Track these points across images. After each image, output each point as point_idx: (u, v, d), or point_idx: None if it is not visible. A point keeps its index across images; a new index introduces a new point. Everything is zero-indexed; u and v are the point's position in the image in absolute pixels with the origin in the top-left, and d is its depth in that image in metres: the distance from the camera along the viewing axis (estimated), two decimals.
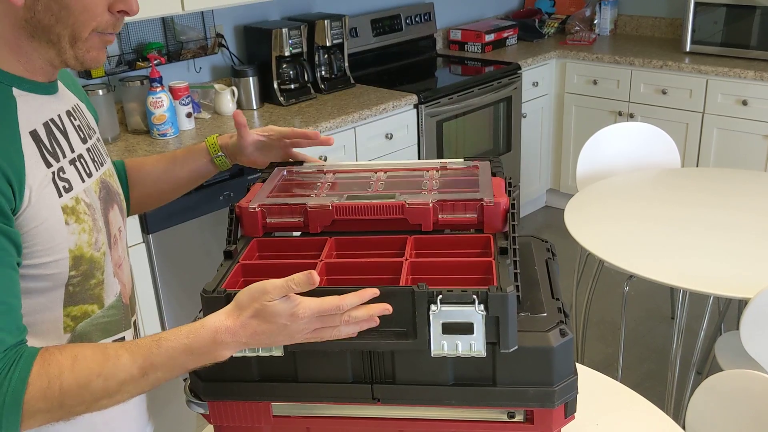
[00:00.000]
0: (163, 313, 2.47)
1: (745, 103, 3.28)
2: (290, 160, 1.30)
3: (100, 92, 2.56)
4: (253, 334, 0.86)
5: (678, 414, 2.29)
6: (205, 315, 0.93)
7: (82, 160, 0.98)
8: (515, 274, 0.98)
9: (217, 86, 2.96)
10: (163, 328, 2.48)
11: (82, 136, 1.01)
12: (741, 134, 3.35)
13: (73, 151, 0.97)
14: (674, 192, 2.41)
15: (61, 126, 0.96)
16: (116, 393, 0.85)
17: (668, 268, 1.94)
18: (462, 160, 1.24)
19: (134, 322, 1.10)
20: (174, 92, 2.72)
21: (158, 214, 2.35)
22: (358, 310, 0.86)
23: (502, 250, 0.98)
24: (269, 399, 1.00)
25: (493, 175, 1.16)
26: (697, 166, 3.52)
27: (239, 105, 3.01)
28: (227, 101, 2.94)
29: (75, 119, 1.01)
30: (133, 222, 2.30)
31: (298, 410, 1.02)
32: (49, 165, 0.91)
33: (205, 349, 0.86)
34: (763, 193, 2.36)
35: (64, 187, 0.92)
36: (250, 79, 2.99)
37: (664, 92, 3.52)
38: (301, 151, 1.31)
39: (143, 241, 2.36)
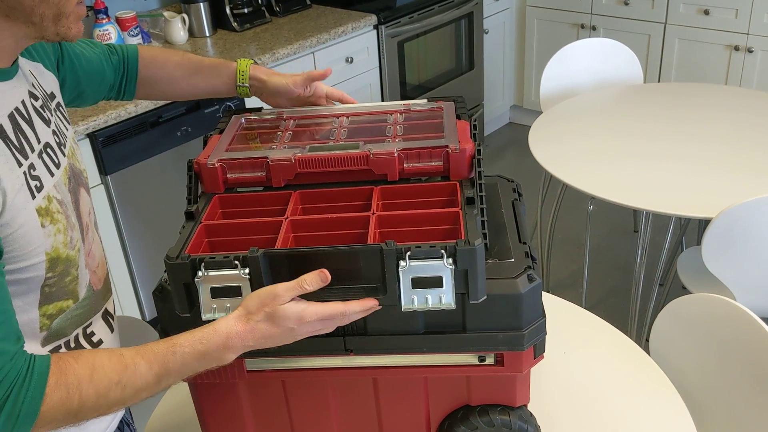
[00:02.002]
0: (129, 255, 2.43)
1: (707, 12, 3.25)
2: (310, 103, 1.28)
3: None
4: (261, 338, 0.88)
5: (641, 329, 2.37)
6: (170, 280, 0.92)
7: (49, 149, 0.91)
8: (482, 222, 0.97)
9: (166, 14, 2.82)
10: (130, 272, 2.45)
11: (46, 117, 0.93)
12: (703, 44, 3.33)
13: (39, 141, 0.89)
14: (636, 112, 2.41)
15: (25, 114, 0.88)
16: (130, 399, 0.85)
17: (631, 190, 1.96)
18: (425, 101, 1.21)
19: (113, 301, 1.06)
20: (121, 23, 2.60)
21: (114, 155, 2.28)
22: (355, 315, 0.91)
23: (469, 200, 0.97)
24: (242, 355, 1.00)
25: (458, 117, 1.13)
26: (659, 80, 3.51)
27: (191, 33, 2.89)
28: (178, 29, 2.82)
29: (37, 99, 0.92)
30: (90, 163, 2.24)
31: (271, 364, 1.02)
32: (20, 164, 0.84)
33: (216, 354, 0.87)
34: (724, 113, 2.37)
35: (36, 186, 0.86)
36: (201, 4, 2.86)
37: (626, 3, 3.46)
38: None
39: (101, 183, 2.29)
